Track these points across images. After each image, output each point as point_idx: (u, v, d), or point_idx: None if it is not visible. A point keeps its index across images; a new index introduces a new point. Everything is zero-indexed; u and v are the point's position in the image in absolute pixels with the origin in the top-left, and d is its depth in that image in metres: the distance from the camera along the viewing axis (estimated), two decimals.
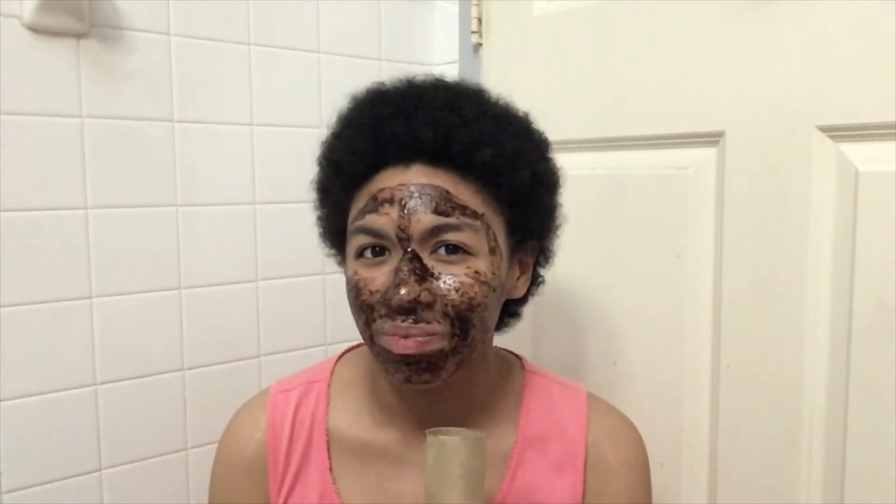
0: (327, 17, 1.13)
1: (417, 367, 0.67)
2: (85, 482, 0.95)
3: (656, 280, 0.94)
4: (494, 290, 0.69)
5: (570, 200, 1.04)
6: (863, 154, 0.76)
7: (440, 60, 1.23)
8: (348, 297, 0.71)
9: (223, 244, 1.05)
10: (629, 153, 0.97)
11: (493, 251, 0.69)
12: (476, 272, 0.67)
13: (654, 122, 0.93)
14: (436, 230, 0.66)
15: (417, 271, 0.65)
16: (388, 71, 1.19)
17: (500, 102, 0.75)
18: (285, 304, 1.12)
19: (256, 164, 1.07)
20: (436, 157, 0.68)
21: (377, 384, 0.77)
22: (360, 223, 0.68)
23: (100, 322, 0.95)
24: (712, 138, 0.87)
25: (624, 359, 0.99)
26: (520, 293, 0.76)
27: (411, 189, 0.67)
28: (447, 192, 0.67)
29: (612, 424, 0.79)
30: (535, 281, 0.80)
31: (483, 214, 0.68)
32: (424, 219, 0.66)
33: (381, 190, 0.68)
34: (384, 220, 0.67)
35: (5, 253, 0.88)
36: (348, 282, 0.70)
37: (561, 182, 0.78)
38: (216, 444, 0.82)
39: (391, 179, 0.68)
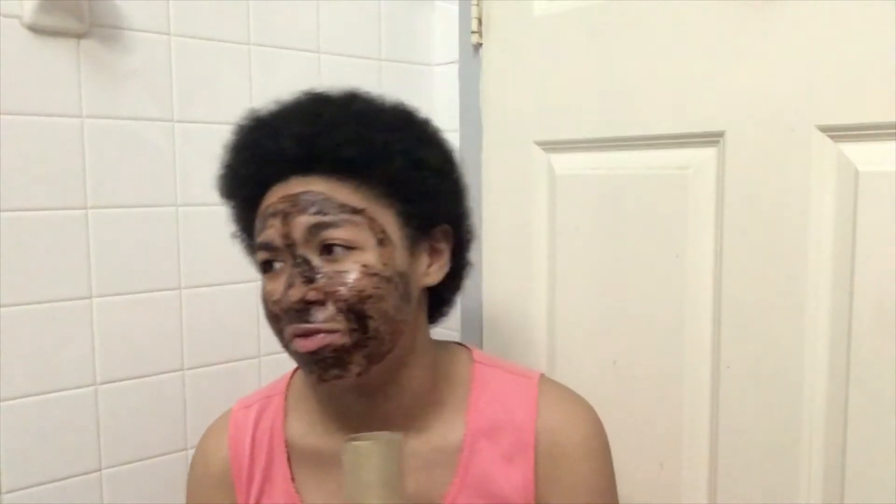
0: (327, 17, 1.13)
1: (324, 363, 0.69)
2: (85, 482, 0.95)
3: (656, 280, 0.94)
4: (390, 281, 0.70)
5: (571, 200, 1.04)
6: (863, 154, 0.76)
7: (440, 60, 1.23)
8: (263, 312, 0.74)
9: (223, 244, 1.04)
10: (629, 153, 0.97)
11: (381, 242, 0.70)
12: (364, 265, 0.69)
13: (654, 122, 0.93)
14: (314, 229, 0.69)
15: (305, 273, 0.68)
16: (388, 71, 1.19)
17: (377, 101, 0.77)
18: None
19: None
20: (306, 165, 0.71)
21: (322, 393, 0.78)
22: (258, 241, 0.72)
23: (100, 322, 0.95)
24: (712, 138, 0.87)
25: (624, 359, 0.99)
26: (433, 280, 0.76)
27: (290, 199, 0.70)
28: (323, 195, 0.70)
29: (564, 409, 0.78)
30: (461, 265, 0.81)
31: (364, 209, 0.70)
32: (302, 220, 0.69)
33: (267, 206, 0.71)
34: (271, 233, 0.70)
35: (5, 253, 0.88)
36: (261, 296, 0.73)
37: (453, 164, 0.78)
38: None
39: (274, 194, 0.72)
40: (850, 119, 0.76)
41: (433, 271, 0.76)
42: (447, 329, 1.13)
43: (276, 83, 1.08)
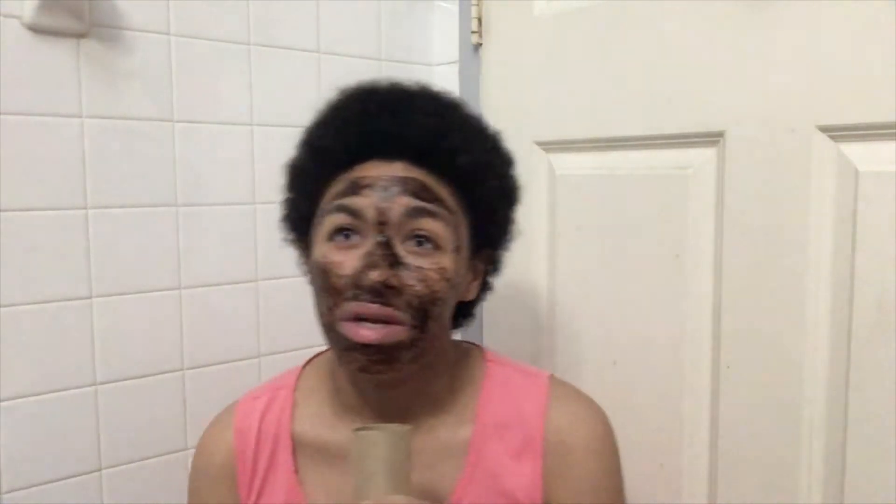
0: (327, 17, 1.13)
1: (376, 356, 0.68)
2: (85, 482, 0.95)
3: (656, 280, 0.94)
4: (454, 288, 0.73)
5: (570, 200, 1.04)
6: (863, 154, 0.76)
7: (440, 60, 1.23)
8: (314, 281, 0.72)
9: (223, 244, 1.05)
10: (629, 153, 0.97)
11: (457, 250, 0.72)
12: (442, 268, 0.70)
13: (654, 123, 0.93)
14: (413, 212, 0.69)
15: (389, 257, 0.68)
16: (388, 71, 1.19)
17: (476, 116, 0.80)
18: (285, 304, 1.11)
19: (256, 164, 1.07)
20: (419, 156, 0.71)
21: (338, 385, 0.79)
22: (339, 202, 0.71)
23: (100, 322, 0.95)
24: (712, 138, 0.87)
25: (624, 359, 0.99)
26: (470, 296, 0.79)
27: (394, 179, 0.70)
28: (426, 185, 0.71)
29: (572, 409, 0.78)
30: (485, 288, 0.83)
31: (456, 213, 0.73)
32: (403, 201, 0.69)
33: (363, 177, 0.71)
34: (365, 202, 0.69)
35: (5, 253, 0.88)
36: (315, 265, 0.72)
37: (520, 199, 0.82)
38: None
39: (374, 170, 0.71)
40: (850, 119, 0.76)
41: (472, 288, 0.79)
42: None
43: (276, 83, 1.08)
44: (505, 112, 1.11)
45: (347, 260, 0.69)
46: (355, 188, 0.70)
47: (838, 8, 0.76)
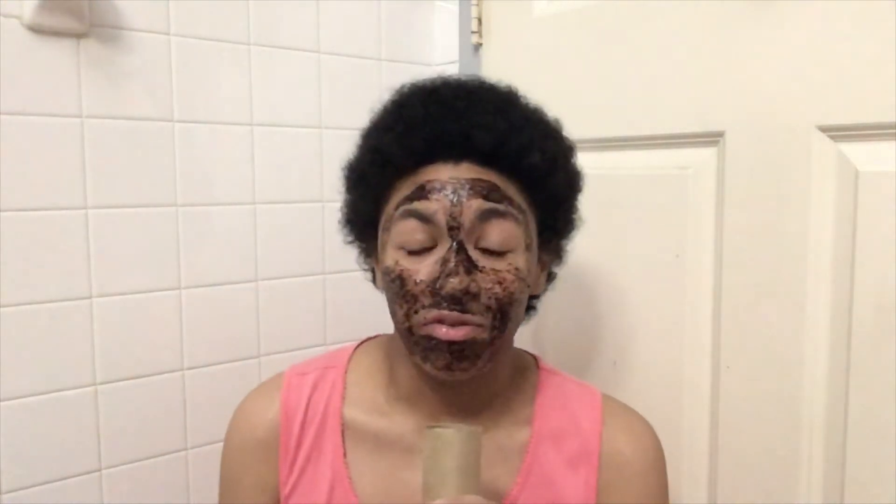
0: (327, 17, 1.13)
1: (460, 353, 0.69)
2: (85, 482, 0.95)
3: (656, 280, 0.94)
4: (528, 286, 0.73)
5: None
6: (863, 154, 0.76)
7: (440, 60, 1.23)
8: (388, 287, 0.72)
9: (223, 244, 1.05)
10: (629, 153, 0.97)
11: (528, 247, 0.72)
12: (516, 268, 0.70)
13: (654, 122, 0.93)
14: (485, 214, 0.69)
15: (465, 262, 0.68)
16: (388, 71, 1.19)
17: (537, 108, 0.78)
18: (285, 304, 1.12)
19: (256, 164, 1.07)
20: (486, 157, 0.70)
21: (396, 374, 0.78)
22: (408, 207, 0.70)
23: (100, 322, 0.95)
24: (712, 138, 0.87)
25: (624, 359, 0.99)
26: (540, 290, 0.80)
27: (462, 181, 0.69)
28: (496, 186, 0.70)
29: (627, 420, 0.80)
30: (550, 278, 0.82)
31: (526, 211, 0.72)
32: (475, 204, 0.68)
33: (431, 181, 0.70)
34: (436, 206, 0.69)
35: (5, 253, 0.88)
36: (389, 271, 0.71)
37: (583, 187, 0.80)
38: (216, 444, 0.82)
39: (441, 173, 0.70)
40: (850, 119, 0.76)
41: (541, 281, 0.79)
42: None
43: (276, 83, 1.08)
44: None
45: (422, 266, 0.69)
46: (424, 192, 0.69)
47: (838, 8, 0.76)
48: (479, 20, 1.15)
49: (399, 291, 0.70)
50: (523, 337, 1.10)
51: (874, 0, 0.73)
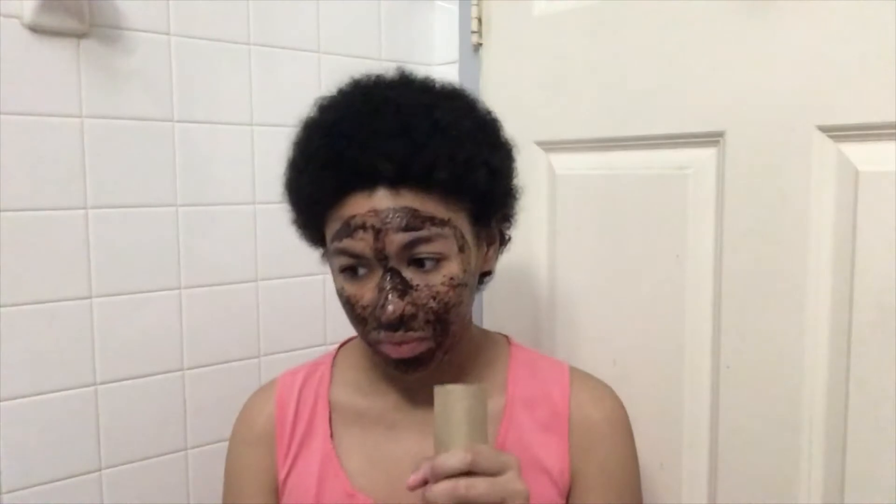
0: (327, 17, 1.13)
1: (412, 363, 0.74)
2: (85, 482, 0.95)
3: (656, 280, 0.94)
4: (467, 285, 0.75)
5: (571, 200, 1.04)
6: (863, 154, 0.76)
7: (440, 60, 1.23)
8: (343, 307, 0.77)
9: (223, 244, 1.05)
10: (629, 153, 0.97)
11: (462, 249, 0.74)
12: (451, 278, 0.73)
13: (654, 122, 0.93)
14: (409, 245, 0.71)
15: (399, 286, 0.71)
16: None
17: (454, 105, 0.76)
18: (285, 304, 1.12)
19: (256, 164, 1.07)
20: (396, 181, 0.71)
21: (373, 361, 0.83)
22: (338, 246, 0.73)
23: (100, 322, 0.95)
24: (712, 138, 0.87)
25: (624, 359, 0.99)
26: (492, 266, 0.82)
27: (381, 214, 0.70)
28: (414, 210, 0.71)
29: (592, 387, 0.84)
30: (503, 242, 0.84)
31: (449, 220, 0.73)
32: (397, 238, 0.70)
33: (353, 217, 0.71)
34: (361, 245, 0.71)
35: (5, 253, 0.88)
36: (339, 294, 0.76)
37: (515, 155, 0.81)
38: (216, 444, 0.83)
39: (359, 206, 0.71)
40: (850, 119, 0.76)
41: (491, 256, 0.81)
42: None
43: (276, 83, 1.08)
44: (505, 112, 1.11)
45: (364, 292, 0.73)
46: (348, 230, 0.71)
47: (838, 8, 0.76)
48: (479, 20, 1.15)
49: (350, 314, 0.75)
50: (523, 337, 1.10)
51: (874, 0, 0.73)
